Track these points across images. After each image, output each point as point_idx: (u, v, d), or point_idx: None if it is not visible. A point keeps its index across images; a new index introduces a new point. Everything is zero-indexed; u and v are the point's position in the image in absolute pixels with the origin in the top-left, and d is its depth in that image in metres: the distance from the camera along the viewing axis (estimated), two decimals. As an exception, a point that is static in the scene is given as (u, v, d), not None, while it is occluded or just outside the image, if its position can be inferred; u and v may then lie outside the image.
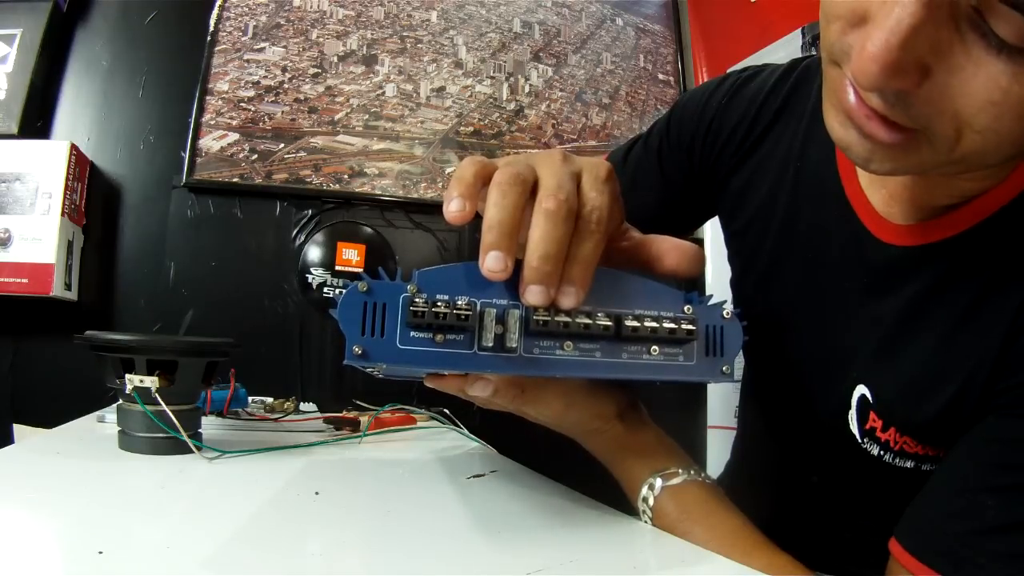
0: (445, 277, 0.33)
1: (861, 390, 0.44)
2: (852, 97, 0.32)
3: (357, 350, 0.32)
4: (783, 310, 0.51)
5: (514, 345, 0.33)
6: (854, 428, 0.45)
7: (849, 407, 0.45)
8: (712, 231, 1.45)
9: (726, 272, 0.59)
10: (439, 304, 0.32)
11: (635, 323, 0.34)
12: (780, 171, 0.51)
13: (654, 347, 0.35)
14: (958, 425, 0.39)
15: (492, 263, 0.31)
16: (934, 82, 0.28)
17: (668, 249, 0.39)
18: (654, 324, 0.34)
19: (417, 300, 0.32)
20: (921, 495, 0.39)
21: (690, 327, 0.34)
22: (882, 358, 0.44)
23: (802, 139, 0.50)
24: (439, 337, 0.32)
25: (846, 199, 0.46)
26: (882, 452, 0.44)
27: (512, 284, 0.33)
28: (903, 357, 0.42)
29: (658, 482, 0.42)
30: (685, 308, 0.35)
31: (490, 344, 0.32)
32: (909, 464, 0.43)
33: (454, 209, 0.32)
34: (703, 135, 0.56)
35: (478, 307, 0.33)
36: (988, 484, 0.36)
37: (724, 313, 0.36)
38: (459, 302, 0.32)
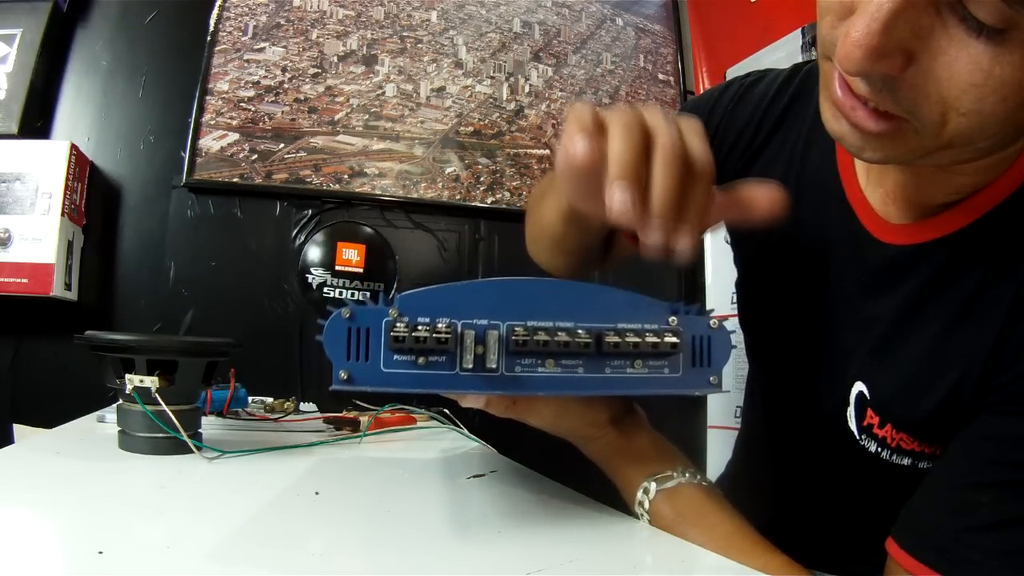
0: (426, 300, 0.33)
1: (859, 387, 0.45)
2: (839, 88, 0.33)
3: (343, 375, 0.33)
4: (785, 310, 0.52)
5: (494, 365, 0.33)
6: (852, 425, 0.46)
7: (847, 404, 0.46)
8: (712, 234, 1.44)
9: (725, 273, 0.60)
10: (420, 328, 0.32)
11: (616, 339, 0.33)
12: (783, 174, 0.51)
13: (637, 360, 0.34)
14: (954, 422, 0.40)
15: (621, 196, 0.31)
16: (918, 67, 0.29)
17: (757, 196, 0.38)
18: (636, 339, 0.34)
19: (398, 324, 0.32)
20: (917, 493, 0.39)
21: (673, 340, 0.34)
22: (879, 356, 0.44)
23: (804, 142, 0.50)
24: (421, 360, 0.33)
25: (846, 200, 0.46)
26: (879, 449, 0.44)
27: (493, 302, 0.33)
28: (900, 355, 0.43)
29: (652, 486, 0.42)
30: (670, 319, 0.35)
31: (470, 365, 0.33)
32: (906, 461, 0.43)
33: (581, 148, 0.32)
34: (709, 140, 0.56)
35: (459, 328, 0.33)
36: (982, 481, 0.36)
37: (711, 323, 0.36)
38: (439, 325, 0.33)
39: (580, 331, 0.33)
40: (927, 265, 0.41)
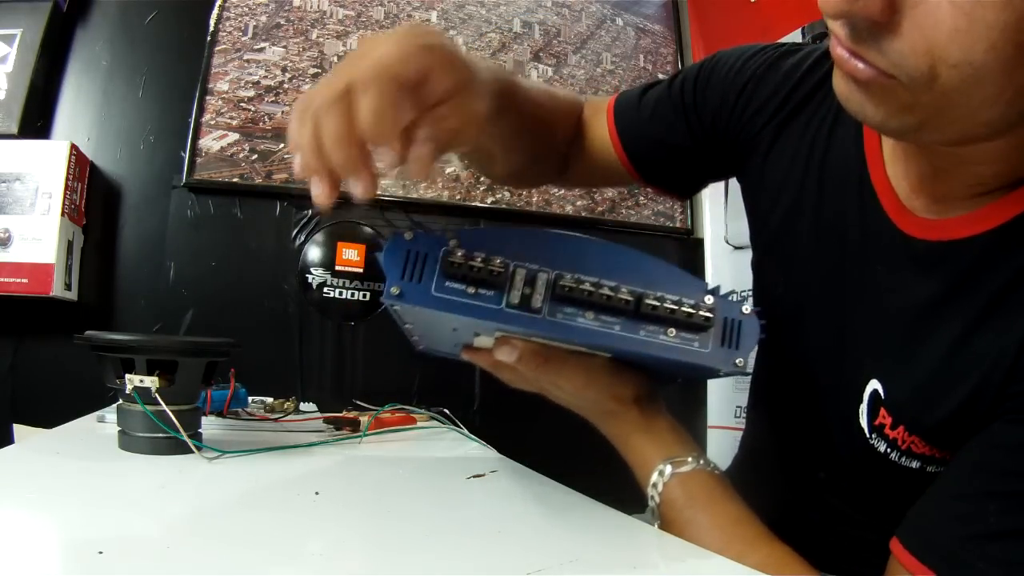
0: (484, 238, 0.36)
1: (874, 385, 0.44)
2: (837, 46, 0.33)
3: (395, 290, 0.35)
4: (803, 294, 0.51)
5: (539, 306, 0.35)
6: (863, 422, 0.45)
7: (860, 401, 0.45)
8: (711, 230, 1.45)
9: (725, 273, 0.59)
10: (475, 258, 0.35)
11: (655, 303, 0.36)
12: (808, 154, 0.50)
13: (671, 329, 0.36)
14: (968, 429, 0.39)
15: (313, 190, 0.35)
16: (901, 15, 0.29)
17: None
18: (673, 307, 0.36)
19: (456, 252, 0.35)
20: (925, 496, 0.39)
21: (707, 314, 0.36)
22: (897, 354, 0.43)
23: (831, 124, 0.49)
24: (471, 289, 0.35)
25: (871, 188, 0.45)
26: (889, 450, 0.44)
27: (546, 252, 0.36)
28: (918, 356, 0.42)
29: (668, 469, 0.43)
30: (706, 298, 0.37)
31: (517, 302, 0.35)
32: (915, 464, 0.43)
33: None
34: (734, 100, 0.55)
35: (511, 267, 0.35)
36: (991, 490, 0.36)
37: (744, 308, 0.37)
38: (494, 259, 0.35)
39: (623, 289, 0.36)
40: (953, 264, 0.40)
